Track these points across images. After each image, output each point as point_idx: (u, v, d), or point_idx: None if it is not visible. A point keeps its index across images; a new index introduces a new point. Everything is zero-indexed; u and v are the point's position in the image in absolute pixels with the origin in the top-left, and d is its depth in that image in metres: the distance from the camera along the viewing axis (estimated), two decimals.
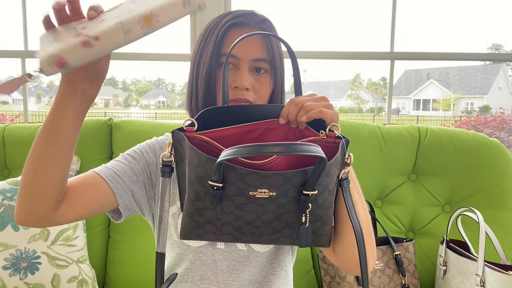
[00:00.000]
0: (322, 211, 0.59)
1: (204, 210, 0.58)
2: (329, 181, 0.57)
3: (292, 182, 0.54)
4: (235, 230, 0.60)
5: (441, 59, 1.70)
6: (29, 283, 1.08)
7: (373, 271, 1.15)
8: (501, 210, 1.26)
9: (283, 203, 0.56)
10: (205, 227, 0.60)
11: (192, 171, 0.57)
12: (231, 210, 0.57)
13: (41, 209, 0.63)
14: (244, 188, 0.55)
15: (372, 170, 1.29)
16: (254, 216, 0.58)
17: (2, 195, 1.12)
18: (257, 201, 0.56)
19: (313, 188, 0.55)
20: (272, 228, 0.60)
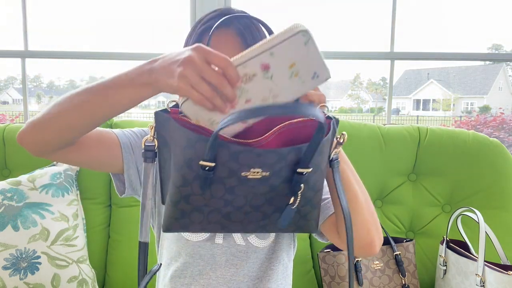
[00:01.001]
0: (312, 193, 0.58)
1: (191, 196, 0.55)
2: (321, 160, 0.56)
3: (286, 160, 0.53)
4: (223, 218, 0.57)
5: (441, 59, 1.71)
6: (29, 283, 1.08)
7: (373, 271, 1.15)
8: (501, 210, 1.26)
9: (275, 184, 0.54)
10: (191, 215, 0.57)
11: (180, 153, 0.54)
12: (220, 194, 0.54)
13: (49, 143, 0.63)
14: (237, 168, 0.52)
15: (372, 170, 1.29)
16: (244, 200, 0.55)
17: (2, 195, 1.12)
18: (248, 182, 0.53)
19: (307, 165, 0.53)
20: (262, 213, 0.58)
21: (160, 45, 8.02)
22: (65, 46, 22.82)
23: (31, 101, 23.62)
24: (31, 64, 1.66)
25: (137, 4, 55.52)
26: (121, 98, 0.59)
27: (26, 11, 1.61)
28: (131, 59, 1.63)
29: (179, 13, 1.59)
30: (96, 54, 1.61)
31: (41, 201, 1.14)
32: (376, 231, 0.67)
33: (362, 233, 0.66)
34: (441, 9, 49.96)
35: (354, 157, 1.30)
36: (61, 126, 0.62)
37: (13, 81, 24.33)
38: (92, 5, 56.30)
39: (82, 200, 1.24)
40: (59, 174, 1.19)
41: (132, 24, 67.55)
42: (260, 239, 0.78)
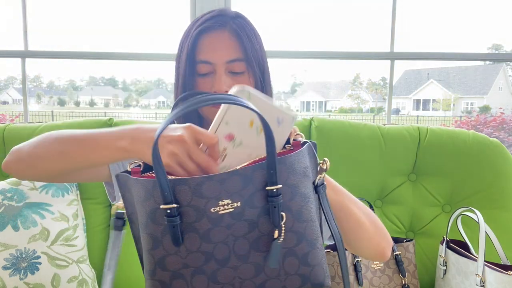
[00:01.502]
0: (302, 225, 0.51)
1: (166, 258, 0.49)
2: (298, 182, 0.51)
3: (253, 182, 0.49)
4: (210, 281, 0.50)
5: (441, 59, 1.71)
6: (29, 283, 1.08)
7: (373, 271, 1.15)
8: (501, 210, 1.26)
9: (253, 220, 0.49)
10: (173, 286, 0.50)
11: (142, 209, 0.50)
12: (197, 246, 0.49)
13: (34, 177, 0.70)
14: (203, 204, 0.48)
15: (372, 170, 1.29)
16: (227, 249, 0.49)
17: (2, 195, 1.12)
18: (222, 221, 0.49)
19: (275, 182, 0.48)
20: (253, 266, 0.50)
21: (160, 45, 8.05)
22: (65, 46, 22.66)
23: (31, 101, 23.62)
24: (31, 64, 1.66)
25: (137, 4, 55.39)
26: (97, 157, 0.60)
27: (26, 11, 1.61)
28: (131, 59, 1.63)
29: (179, 13, 1.59)
30: (96, 54, 1.61)
31: (41, 201, 1.14)
32: (385, 240, 0.70)
33: (373, 246, 0.69)
34: (441, 9, 49.96)
35: (354, 157, 1.31)
36: (44, 167, 0.65)
37: (13, 81, 24.34)
38: (92, 5, 56.18)
39: (82, 200, 1.24)
40: None
41: (132, 24, 67.45)
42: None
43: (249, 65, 0.75)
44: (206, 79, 0.75)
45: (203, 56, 0.74)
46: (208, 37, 0.74)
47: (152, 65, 49.06)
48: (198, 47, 0.74)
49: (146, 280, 0.52)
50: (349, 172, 1.28)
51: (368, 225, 0.67)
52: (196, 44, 0.74)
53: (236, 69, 0.75)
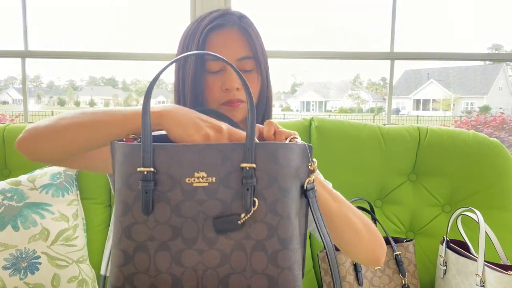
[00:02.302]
0: (275, 218, 0.48)
1: (133, 226, 0.48)
2: (278, 173, 0.49)
3: (231, 160, 0.48)
4: (174, 262, 0.48)
5: (441, 59, 1.70)
6: (29, 283, 1.08)
7: (373, 271, 1.15)
8: (501, 210, 1.26)
9: (226, 201, 0.48)
10: (135, 258, 0.48)
11: (118, 175, 0.50)
12: (166, 218, 0.48)
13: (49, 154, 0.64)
14: (180, 174, 0.48)
15: (372, 170, 1.29)
16: (195, 228, 0.48)
17: (2, 195, 1.12)
18: (196, 195, 0.48)
19: (249, 160, 0.48)
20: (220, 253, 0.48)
21: (160, 45, 8.04)
22: (65, 46, 22.69)
23: (31, 101, 23.63)
24: (31, 64, 1.66)
25: (137, 4, 55.38)
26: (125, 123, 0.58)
27: (26, 11, 1.61)
28: (131, 59, 1.63)
29: (179, 13, 1.59)
30: (96, 54, 1.61)
31: (41, 201, 1.14)
32: (379, 247, 0.70)
33: (368, 253, 0.69)
34: (441, 9, 49.95)
35: (354, 157, 1.31)
36: (66, 141, 0.61)
37: (13, 81, 24.33)
38: (92, 5, 56.16)
39: (82, 200, 1.24)
40: (59, 174, 1.19)
41: (132, 24, 67.45)
42: None
43: (257, 63, 0.76)
44: (217, 76, 0.75)
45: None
46: (218, 34, 0.74)
47: (152, 65, 48.99)
48: (208, 44, 0.74)
49: (111, 254, 0.51)
50: (349, 172, 1.28)
51: (364, 233, 0.68)
52: (206, 42, 0.74)
53: (246, 67, 0.75)
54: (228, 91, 0.73)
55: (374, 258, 0.70)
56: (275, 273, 0.48)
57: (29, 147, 0.64)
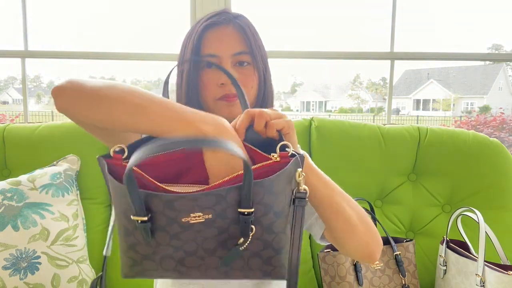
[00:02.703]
0: (271, 236, 0.51)
1: (137, 245, 0.51)
2: (274, 200, 0.49)
3: (227, 200, 0.48)
4: (178, 264, 0.52)
5: (441, 59, 1.71)
6: (29, 283, 1.08)
7: (373, 271, 1.15)
8: (501, 210, 1.26)
9: (223, 227, 0.49)
10: (143, 263, 0.52)
11: (116, 203, 0.51)
12: (166, 242, 0.50)
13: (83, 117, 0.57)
14: (175, 215, 0.48)
15: (372, 170, 1.29)
16: (195, 245, 0.50)
17: (2, 195, 1.12)
18: (193, 227, 0.49)
19: (249, 205, 0.48)
20: (218, 258, 0.51)
21: (160, 45, 8.00)
22: (65, 46, 22.74)
23: (31, 101, 23.62)
24: (31, 64, 1.66)
25: (137, 4, 55.36)
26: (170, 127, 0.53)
27: (26, 11, 1.61)
28: (131, 59, 1.63)
29: (179, 13, 1.59)
30: (96, 54, 1.61)
31: (41, 201, 1.14)
32: (374, 241, 0.67)
33: (362, 247, 0.66)
34: (441, 9, 49.96)
35: (354, 157, 1.31)
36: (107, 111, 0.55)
37: (13, 81, 24.34)
38: (92, 5, 56.17)
39: (82, 200, 1.24)
40: (59, 174, 1.19)
41: (132, 24, 67.44)
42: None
43: (254, 59, 0.76)
44: (212, 72, 0.75)
45: (209, 50, 0.75)
46: (213, 31, 0.75)
47: (152, 65, 49.11)
48: (204, 42, 0.75)
49: (120, 252, 0.54)
50: (349, 172, 1.28)
51: (358, 224, 0.65)
52: (202, 39, 0.75)
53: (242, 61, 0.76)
54: (224, 85, 0.73)
55: (368, 252, 0.67)
56: (269, 269, 0.53)
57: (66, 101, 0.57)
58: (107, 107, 0.54)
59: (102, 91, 0.55)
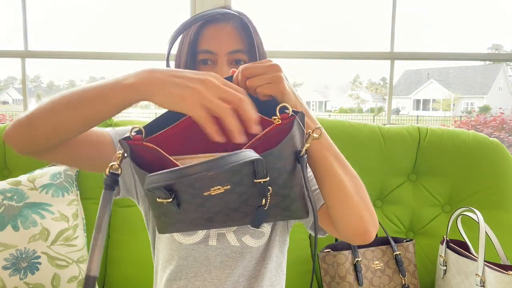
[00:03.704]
0: (286, 190, 0.56)
1: (168, 213, 0.57)
2: (284, 163, 0.54)
3: (242, 172, 0.52)
4: (207, 222, 0.58)
5: (441, 59, 1.71)
6: (29, 283, 1.08)
7: (373, 271, 1.15)
8: (501, 210, 1.26)
9: (242, 191, 0.54)
10: (176, 225, 0.59)
11: (141, 181, 0.55)
12: (193, 209, 0.56)
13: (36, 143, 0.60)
14: (196, 192, 0.53)
15: (372, 170, 1.29)
16: (220, 206, 0.56)
17: (2, 195, 1.12)
18: (214, 197, 0.54)
19: (264, 175, 0.52)
20: (243, 213, 0.57)
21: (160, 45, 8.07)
22: (65, 46, 22.75)
23: (31, 101, 23.59)
24: (31, 64, 1.66)
25: (137, 4, 55.42)
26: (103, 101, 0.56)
27: (26, 11, 1.61)
28: (131, 59, 1.63)
29: (179, 13, 1.59)
30: (96, 54, 1.61)
31: (41, 201, 1.14)
32: (369, 216, 0.63)
33: (354, 220, 0.62)
34: (441, 9, 49.96)
35: (354, 157, 1.30)
36: (49, 126, 0.58)
37: (13, 81, 24.34)
38: (92, 5, 56.21)
39: (82, 200, 1.24)
40: (59, 174, 1.19)
41: (132, 24, 67.48)
42: (255, 239, 0.77)
43: (251, 58, 0.75)
44: (207, 68, 0.74)
45: (205, 46, 0.74)
46: (211, 28, 0.74)
47: (152, 65, 48.74)
48: (200, 38, 0.74)
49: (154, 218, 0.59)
50: None
51: (352, 192, 0.62)
52: (199, 35, 0.74)
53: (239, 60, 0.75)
54: None
55: (362, 227, 0.62)
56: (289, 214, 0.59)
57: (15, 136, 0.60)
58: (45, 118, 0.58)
59: (33, 112, 0.58)
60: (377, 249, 1.17)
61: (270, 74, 0.57)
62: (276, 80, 0.57)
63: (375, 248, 1.16)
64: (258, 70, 0.57)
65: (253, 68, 0.57)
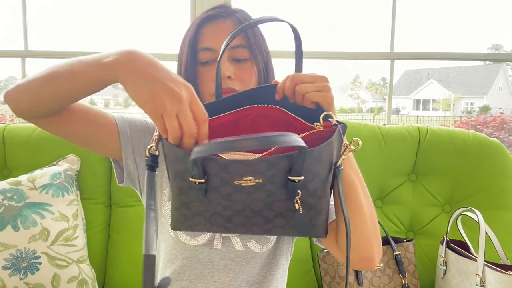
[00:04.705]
0: (314, 200, 0.55)
1: (190, 203, 0.56)
2: (320, 168, 0.54)
3: (277, 167, 0.52)
4: (226, 221, 0.57)
5: (441, 59, 1.71)
6: (29, 283, 1.08)
7: (373, 271, 1.15)
8: (501, 210, 1.26)
9: (271, 190, 0.54)
10: (194, 219, 0.58)
11: (172, 166, 0.55)
12: (218, 201, 0.55)
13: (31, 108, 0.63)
14: (228, 177, 0.52)
15: (372, 170, 1.29)
16: (243, 205, 0.55)
17: (2, 195, 1.12)
18: (244, 189, 0.53)
19: (299, 174, 0.52)
20: (263, 218, 0.56)
21: (160, 45, 7.92)
22: (65, 46, 22.67)
23: None
24: (31, 64, 1.65)
25: (137, 4, 55.38)
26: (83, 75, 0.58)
27: (26, 11, 1.61)
28: None
29: (179, 13, 1.59)
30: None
31: (41, 201, 1.14)
32: (377, 244, 0.65)
33: (363, 244, 0.64)
34: (441, 9, 49.94)
35: (354, 157, 1.30)
36: (41, 94, 0.61)
37: (13, 81, 24.35)
38: (92, 5, 56.21)
39: (82, 200, 1.24)
40: (59, 174, 1.19)
41: (132, 24, 67.43)
42: (260, 244, 0.76)
43: (252, 53, 0.74)
44: (209, 67, 0.74)
45: (205, 43, 0.74)
46: (210, 25, 0.74)
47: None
48: (200, 36, 0.74)
49: (171, 208, 0.59)
50: None
51: (368, 221, 0.64)
52: (198, 33, 0.74)
53: (239, 55, 0.74)
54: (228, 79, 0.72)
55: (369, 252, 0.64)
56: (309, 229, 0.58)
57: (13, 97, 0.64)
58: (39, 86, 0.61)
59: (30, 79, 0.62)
60: None
61: (320, 83, 0.59)
62: (326, 89, 0.59)
63: None
64: (308, 78, 0.60)
65: (303, 75, 0.60)
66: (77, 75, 0.58)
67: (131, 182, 0.77)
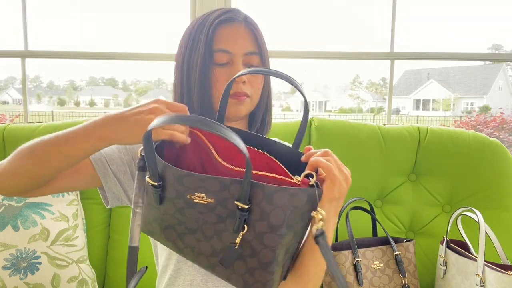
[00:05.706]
0: (259, 246, 0.52)
1: (151, 206, 0.59)
2: (271, 212, 0.51)
3: (229, 190, 0.51)
4: (178, 238, 0.58)
5: (441, 59, 1.71)
6: (29, 283, 1.08)
7: (373, 271, 1.15)
8: (501, 210, 1.26)
9: (222, 216, 0.53)
10: (152, 225, 0.60)
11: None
12: (172, 212, 0.57)
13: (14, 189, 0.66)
14: (182, 190, 0.54)
15: (372, 170, 1.29)
16: (196, 224, 0.55)
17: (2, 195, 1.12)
18: (196, 206, 0.54)
19: (244, 200, 0.50)
20: (211, 247, 0.55)
21: (160, 45, 7.97)
22: (65, 46, 22.68)
23: (31, 101, 23.63)
24: (31, 64, 1.66)
25: (137, 4, 55.36)
26: (75, 150, 0.62)
27: (26, 11, 1.61)
28: (131, 59, 1.63)
29: (179, 13, 1.59)
30: (96, 54, 1.61)
31: (41, 201, 1.14)
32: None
33: None
34: (441, 9, 49.96)
35: (354, 157, 1.31)
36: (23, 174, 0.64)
37: (13, 81, 24.35)
38: (92, 5, 56.19)
39: (82, 200, 1.24)
40: None
41: (132, 24, 67.43)
42: None
43: (262, 60, 0.77)
44: (223, 69, 0.75)
45: (222, 45, 0.74)
46: (227, 27, 0.75)
47: (152, 65, 49.01)
48: (217, 37, 0.75)
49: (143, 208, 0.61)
50: None
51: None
52: (215, 34, 0.75)
53: (252, 62, 0.77)
54: (235, 83, 0.73)
55: None
56: (251, 281, 0.54)
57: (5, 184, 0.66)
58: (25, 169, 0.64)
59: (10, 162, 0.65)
60: (377, 249, 1.17)
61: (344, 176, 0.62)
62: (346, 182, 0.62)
63: (375, 248, 1.16)
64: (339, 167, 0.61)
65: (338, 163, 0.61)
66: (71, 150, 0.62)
67: (117, 201, 0.77)
